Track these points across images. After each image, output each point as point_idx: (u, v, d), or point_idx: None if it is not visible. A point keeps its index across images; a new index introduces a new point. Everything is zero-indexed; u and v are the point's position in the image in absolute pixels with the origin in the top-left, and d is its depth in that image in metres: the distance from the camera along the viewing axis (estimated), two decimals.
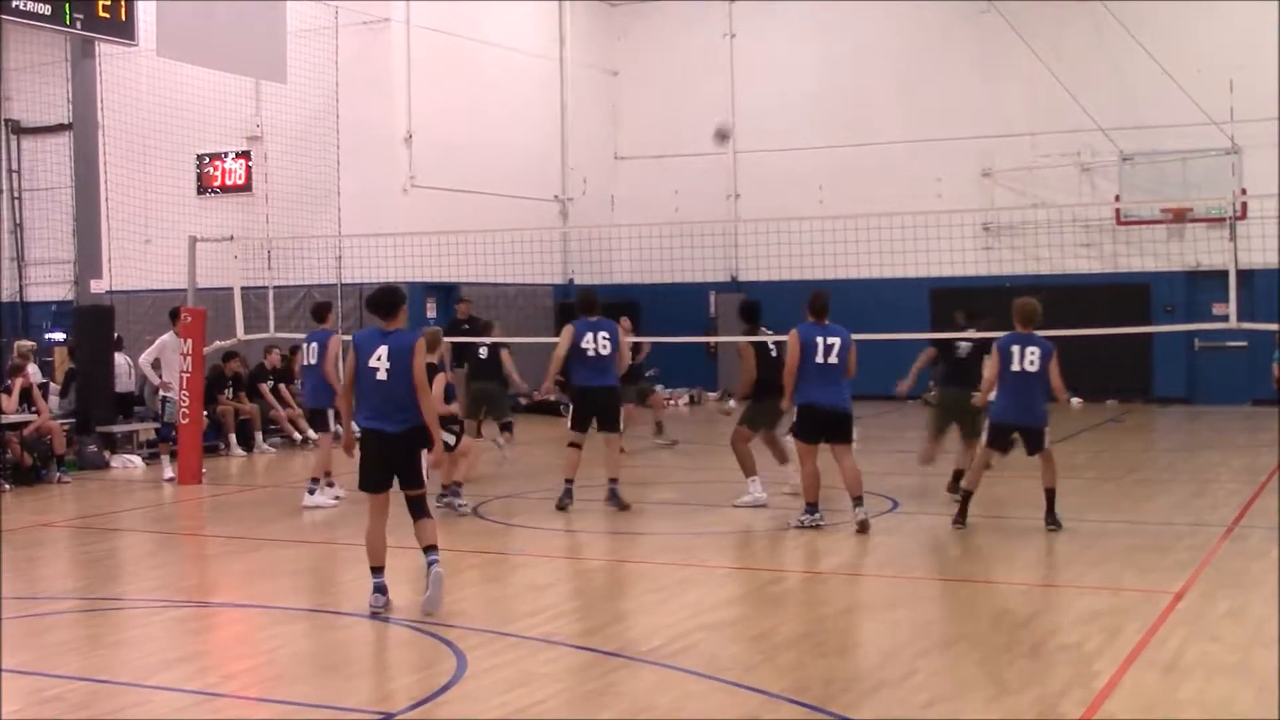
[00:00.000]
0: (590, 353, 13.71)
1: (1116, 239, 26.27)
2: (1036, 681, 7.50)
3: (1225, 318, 16.15)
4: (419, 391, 9.15)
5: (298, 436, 20.73)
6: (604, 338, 13.77)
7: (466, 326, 21.15)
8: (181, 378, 17.20)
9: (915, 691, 7.38)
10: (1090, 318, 20.01)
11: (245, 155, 25.25)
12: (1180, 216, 25.36)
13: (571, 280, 28.25)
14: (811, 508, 12.44)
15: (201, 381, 17.61)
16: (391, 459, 9.24)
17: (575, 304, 14.72)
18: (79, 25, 18.38)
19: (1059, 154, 26.46)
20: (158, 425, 18.97)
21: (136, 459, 18.56)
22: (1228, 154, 24.94)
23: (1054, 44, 26.29)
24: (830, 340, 12.36)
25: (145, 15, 19.72)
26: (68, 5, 18.03)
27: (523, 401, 22.32)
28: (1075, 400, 25.76)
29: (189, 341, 17.33)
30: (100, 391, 19.09)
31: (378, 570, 9.30)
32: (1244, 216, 21.16)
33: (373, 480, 9.34)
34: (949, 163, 27.10)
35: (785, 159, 28.58)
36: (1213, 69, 24.88)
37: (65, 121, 23.23)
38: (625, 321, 17.83)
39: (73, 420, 18.59)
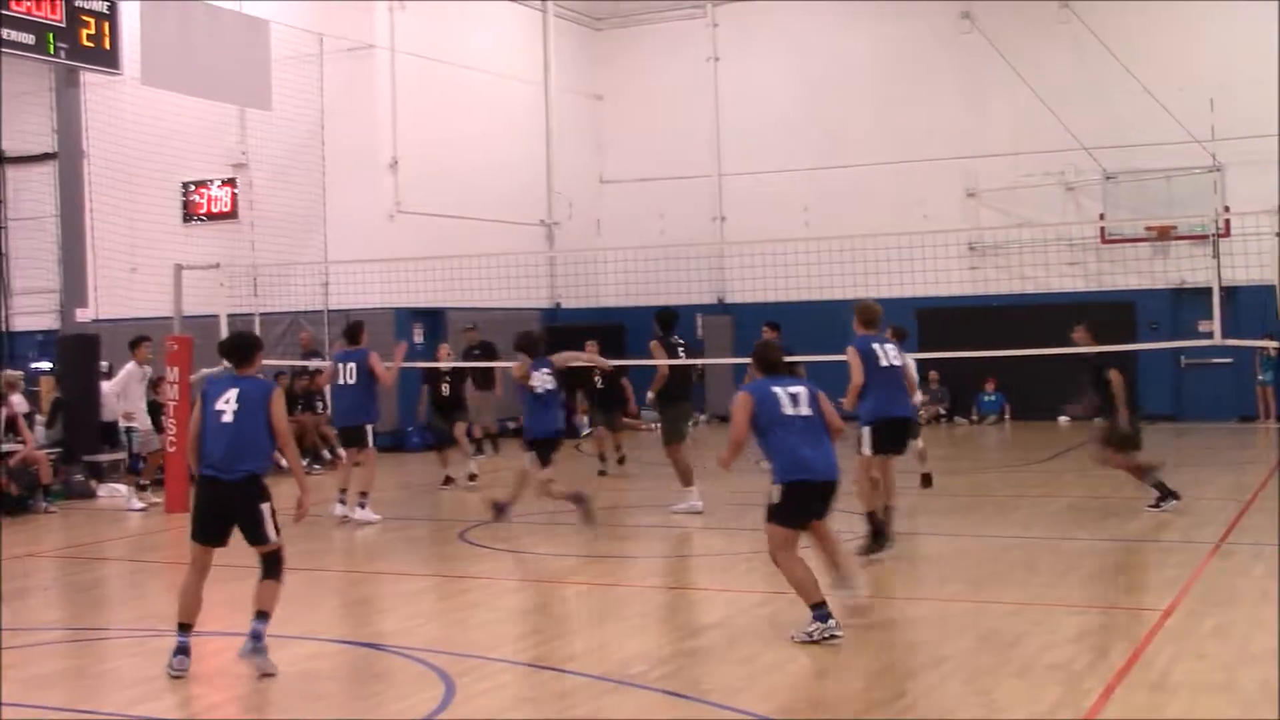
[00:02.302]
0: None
1: (1101, 257, 26.36)
2: (1026, 701, 7.50)
3: (1210, 335, 16.20)
4: (281, 441, 8.63)
5: (284, 463, 20.62)
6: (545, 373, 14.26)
7: (478, 352, 21.31)
8: (169, 406, 17.17)
9: (904, 712, 7.37)
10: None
11: (231, 182, 25.26)
12: (1164, 234, 25.45)
13: (559, 304, 28.26)
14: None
15: (188, 409, 17.56)
16: (227, 509, 8.50)
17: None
18: (63, 54, 18.37)
19: (1043, 173, 26.56)
20: (123, 457, 19.01)
21: (123, 488, 18.50)
22: (1210, 172, 25.09)
23: (1036, 64, 26.42)
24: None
25: (129, 44, 19.74)
26: (51, 35, 18.03)
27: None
28: (1063, 418, 25.87)
29: (148, 369, 17.57)
30: (86, 421, 19.04)
31: (185, 628, 8.49)
32: (1227, 234, 21.23)
33: (204, 531, 8.57)
34: (933, 183, 27.19)
35: (770, 181, 28.65)
36: (1194, 88, 25.06)
37: (50, 150, 23.21)
38: (590, 345, 18.85)
39: (59, 450, 18.53)
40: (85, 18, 18.47)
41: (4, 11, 17.26)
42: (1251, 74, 24.89)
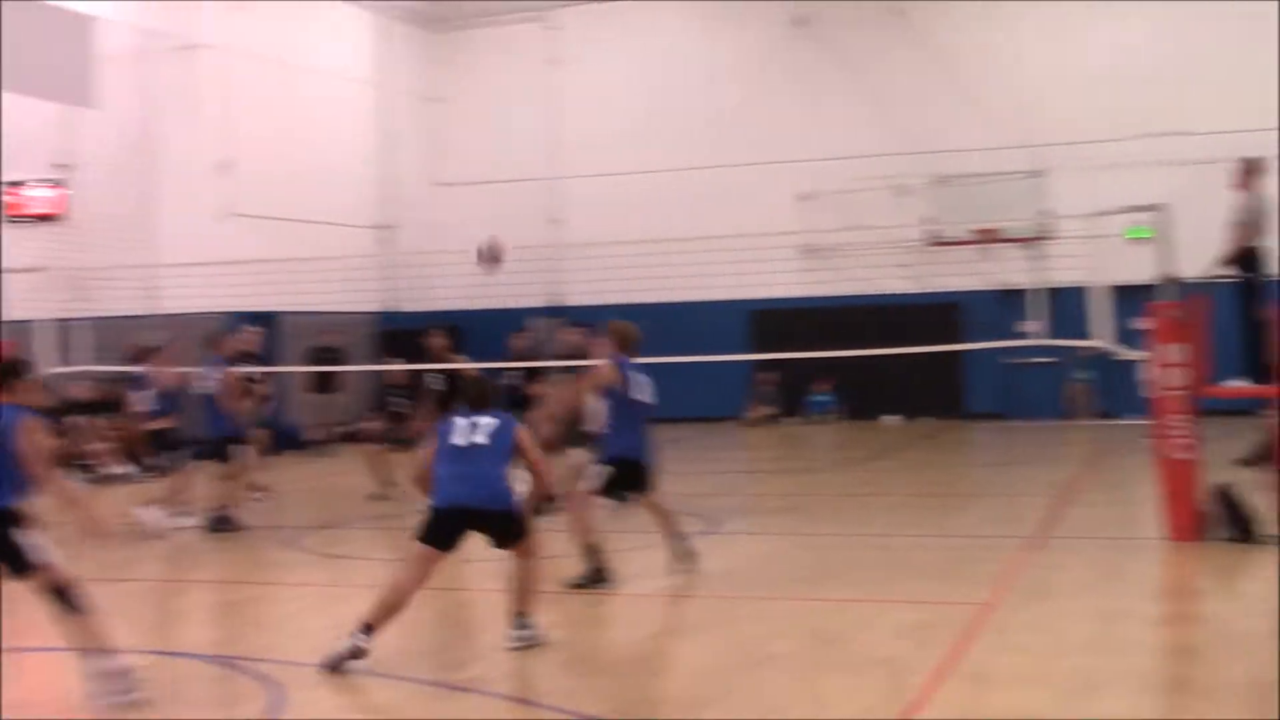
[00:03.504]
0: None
1: (929, 259, 26.95)
2: (852, 696, 7.66)
3: (1032, 335, 16.69)
4: (37, 471, 7.77)
5: (119, 470, 20.19)
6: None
7: (327, 355, 21.22)
8: None
9: (733, 710, 7.48)
10: (904, 336, 20.50)
11: (56, 183, 24.61)
12: (989, 237, 26.16)
13: (394, 308, 28.05)
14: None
15: None
16: None
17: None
18: None
19: (874, 176, 27.07)
20: None
21: None
22: (1032, 176, 25.83)
23: (867, 69, 26.97)
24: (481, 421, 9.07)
25: None
26: None
27: None
28: (891, 417, 26.48)
29: None
30: None
31: None
32: (1048, 237, 21.90)
33: None
34: (768, 186, 27.55)
35: (607, 184, 28.75)
36: (1017, 94, 25.80)
37: None
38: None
39: None
40: None
41: None
42: (1072, 81, 25.76)
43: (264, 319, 24.37)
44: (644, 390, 11.09)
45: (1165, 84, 25.44)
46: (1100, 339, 14.05)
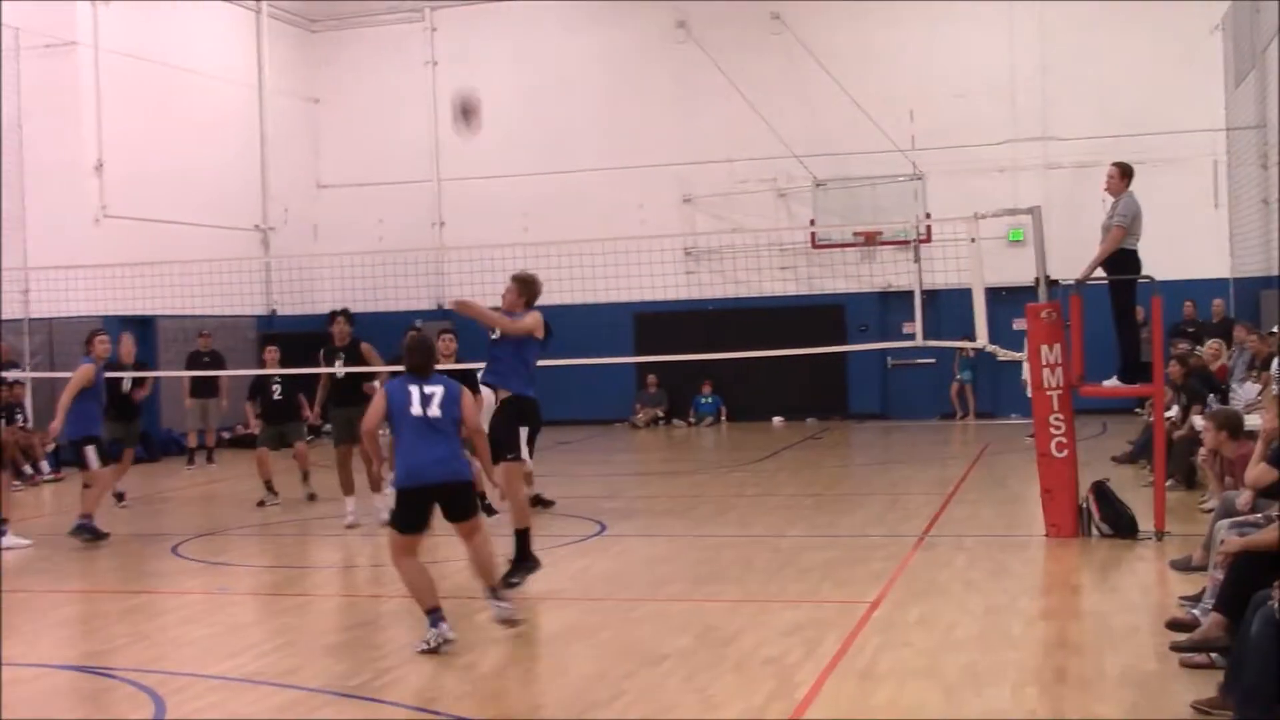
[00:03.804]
0: None
1: (812, 262, 27.20)
2: (741, 695, 7.69)
3: (913, 336, 16.88)
4: None
5: None
6: None
7: (207, 359, 20.90)
8: None
9: (623, 711, 7.47)
10: (788, 338, 20.64)
11: None
12: (871, 240, 26.47)
13: (274, 311, 27.68)
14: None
15: None
16: None
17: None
18: None
19: (756, 180, 27.26)
20: None
21: None
22: (912, 180, 26.18)
23: (748, 72, 27.13)
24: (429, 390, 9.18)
25: None
26: None
27: None
28: (777, 419, 26.69)
29: None
30: None
31: None
32: (928, 240, 22.19)
33: None
34: (650, 189, 27.62)
35: (490, 186, 28.65)
36: (897, 99, 26.15)
37: None
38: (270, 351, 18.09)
39: None
40: None
41: None
42: (949, 88, 26.16)
43: (140, 323, 23.95)
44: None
45: (1034, 90, 25.96)
46: (980, 340, 14.25)
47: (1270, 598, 6.67)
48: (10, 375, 20.13)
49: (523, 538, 10.67)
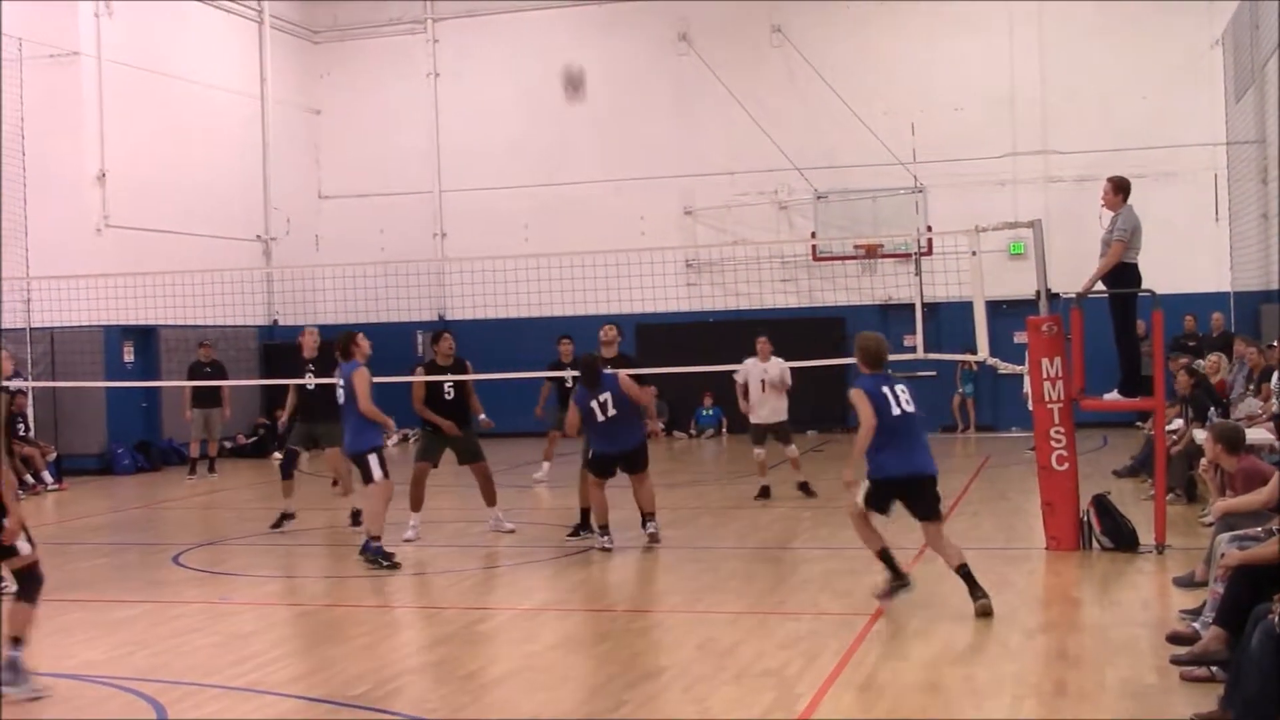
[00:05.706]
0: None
1: (812, 274, 27.23)
2: (741, 706, 7.70)
3: (914, 349, 16.89)
4: None
5: None
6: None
7: (208, 370, 20.98)
8: None
9: None
10: (789, 350, 20.63)
11: None
12: (871, 252, 26.49)
13: (276, 321, 27.69)
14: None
15: None
16: None
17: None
18: None
19: (757, 192, 27.31)
20: None
21: None
22: (913, 193, 26.22)
23: (750, 85, 27.18)
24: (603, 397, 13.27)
25: None
26: None
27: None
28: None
29: None
30: None
31: None
32: (929, 252, 22.24)
33: None
34: (652, 201, 27.67)
35: (491, 198, 28.69)
36: (897, 112, 26.19)
37: None
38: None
39: None
40: None
41: None
42: (949, 101, 26.21)
43: (141, 333, 23.99)
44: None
45: (1034, 104, 26.02)
46: (982, 353, 14.25)
47: (1270, 612, 6.69)
48: (13, 385, 20.14)
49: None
